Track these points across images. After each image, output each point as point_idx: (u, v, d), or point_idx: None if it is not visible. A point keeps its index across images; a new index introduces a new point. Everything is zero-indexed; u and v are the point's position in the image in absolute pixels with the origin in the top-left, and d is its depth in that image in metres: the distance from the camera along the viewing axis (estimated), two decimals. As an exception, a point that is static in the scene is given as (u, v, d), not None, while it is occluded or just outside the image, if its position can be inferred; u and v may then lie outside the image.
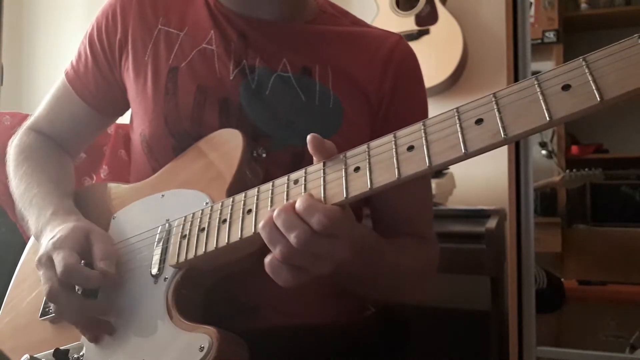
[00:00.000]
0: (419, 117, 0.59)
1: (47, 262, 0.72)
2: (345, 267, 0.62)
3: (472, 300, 1.69)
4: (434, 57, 2.03)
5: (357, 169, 0.58)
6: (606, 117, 1.96)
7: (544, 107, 0.48)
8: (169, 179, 0.82)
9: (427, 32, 2.06)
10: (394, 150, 0.56)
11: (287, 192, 0.63)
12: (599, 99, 0.46)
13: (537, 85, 0.50)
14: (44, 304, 0.81)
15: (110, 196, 0.89)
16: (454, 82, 2.09)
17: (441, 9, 2.07)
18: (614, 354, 1.68)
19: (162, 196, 0.80)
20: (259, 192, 0.66)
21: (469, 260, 1.53)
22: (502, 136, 0.50)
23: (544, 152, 2.05)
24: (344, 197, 0.58)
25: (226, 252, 0.67)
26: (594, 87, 0.46)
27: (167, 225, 0.75)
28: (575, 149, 2.10)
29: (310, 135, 0.62)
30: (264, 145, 0.79)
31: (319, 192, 0.60)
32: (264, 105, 0.82)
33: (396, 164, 0.56)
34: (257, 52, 0.85)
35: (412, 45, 0.93)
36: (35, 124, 0.98)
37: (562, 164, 2.04)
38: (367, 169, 0.57)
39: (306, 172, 0.63)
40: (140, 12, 0.89)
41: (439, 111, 0.56)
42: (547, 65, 2.05)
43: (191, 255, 0.69)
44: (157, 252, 0.73)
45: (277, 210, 0.59)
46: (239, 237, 0.64)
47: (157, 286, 0.71)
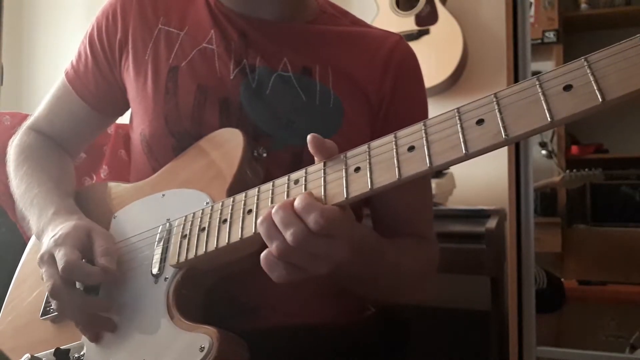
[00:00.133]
0: (419, 117, 0.59)
1: (48, 259, 0.72)
2: (344, 267, 0.62)
3: (472, 300, 1.69)
4: (434, 57, 2.03)
5: (358, 169, 0.58)
6: (606, 117, 1.95)
7: (545, 107, 0.48)
8: (170, 179, 0.82)
9: (427, 32, 2.06)
10: (395, 150, 0.56)
11: (288, 192, 0.63)
12: (600, 100, 0.46)
13: (538, 85, 0.49)
14: (45, 303, 0.82)
15: (110, 196, 0.89)
16: (454, 82, 2.09)
17: (441, 9, 2.07)
18: (614, 354, 1.68)
19: (163, 196, 0.80)
20: (259, 192, 0.66)
21: (469, 260, 1.53)
22: (503, 137, 0.50)
23: (544, 152, 2.04)
24: (345, 197, 0.58)
25: (226, 252, 0.67)
26: (596, 88, 0.46)
27: (167, 224, 0.75)
28: (575, 149, 2.10)
29: (310, 135, 0.62)
30: (265, 144, 0.79)
31: (320, 192, 0.60)
32: (264, 104, 0.82)
33: (397, 164, 0.55)
34: (258, 52, 0.85)
35: (412, 45, 0.93)
36: (35, 123, 0.98)
37: (562, 164, 2.04)
38: (368, 169, 0.57)
39: (306, 172, 0.63)
40: (140, 12, 0.88)
41: (439, 111, 0.56)
42: (547, 65, 2.05)
43: (191, 255, 0.69)
44: (157, 252, 0.73)
45: (275, 206, 0.59)
46: (239, 237, 0.64)
47: (157, 286, 0.71)
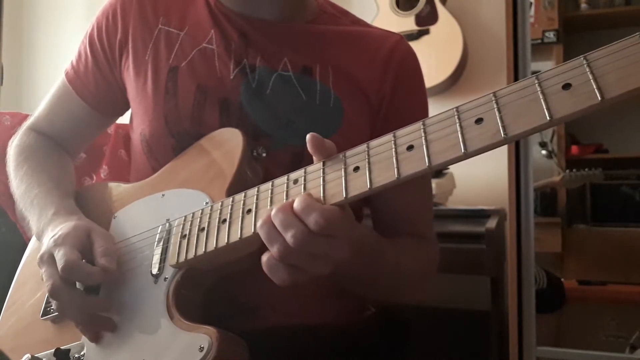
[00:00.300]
0: (419, 117, 0.59)
1: (48, 259, 0.72)
2: (344, 267, 0.62)
3: (472, 300, 1.69)
4: (434, 57, 2.03)
5: (357, 169, 0.58)
6: (606, 117, 1.96)
7: (544, 106, 0.48)
8: (169, 179, 0.82)
9: (427, 32, 2.06)
10: (394, 149, 0.56)
11: (287, 192, 0.63)
12: (599, 98, 0.46)
13: (537, 84, 0.49)
14: (45, 303, 0.82)
15: (110, 196, 0.89)
16: (454, 82, 2.09)
17: (441, 9, 2.07)
18: (614, 354, 1.68)
19: (163, 196, 0.80)
20: (258, 191, 0.66)
21: (469, 260, 1.53)
22: (502, 136, 0.50)
23: (544, 152, 2.04)
24: (344, 196, 0.58)
25: (226, 252, 0.67)
26: (595, 86, 0.46)
27: (167, 224, 0.75)
28: (575, 149, 2.10)
29: (309, 134, 0.61)
30: (264, 144, 0.79)
31: (319, 192, 0.59)
32: (264, 104, 0.82)
33: (396, 163, 0.55)
34: (258, 52, 0.85)
35: (412, 45, 0.93)
36: (35, 124, 0.98)
37: (562, 164, 2.04)
38: (367, 169, 0.57)
39: (306, 172, 0.62)
40: (140, 12, 0.89)
41: (438, 111, 0.56)
42: (547, 65, 2.05)
43: (191, 255, 0.69)
44: (157, 252, 0.73)
45: (275, 209, 0.59)
46: (239, 237, 0.64)
47: (157, 286, 0.71)
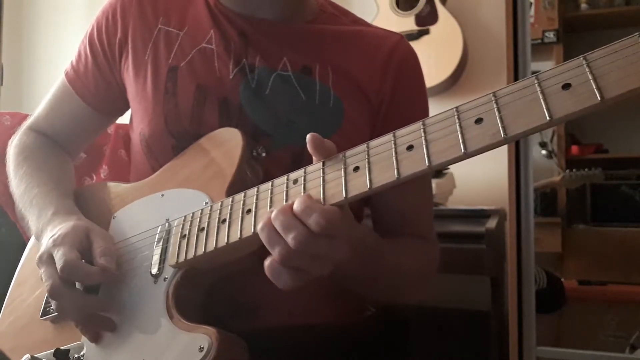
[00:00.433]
0: (419, 116, 0.59)
1: (47, 259, 0.72)
2: (344, 267, 0.62)
3: (472, 300, 1.69)
4: (434, 57, 2.03)
5: (357, 169, 0.58)
6: (606, 117, 1.95)
7: (544, 106, 0.48)
8: (169, 178, 0.82)
9: (427, 32, 2.06)
10: (394, 149, 0.56)
11: (287, 192, 0.63)
12: (599, 98, 0.46)
13: (537, 84, 0.49)
14: (45, 303, 0.81)
15: (110, 196, 0.89)
16: (454, 82, 2.09)
17: (441, 9, 2.07)
18: (614, 354, 1.67)
19: (162, 195, 0.80)
20: (258, 192, 0.66)
21: (469, 260, 1.53)
22: (502, 136, 0.50)
23: (544, 152, 2.04)
24: (343, 197, 0.58)
25: (226, 252, 0.67)
26: (595, 86, 0.46)
27: (167, 224, 0.75)
28: (575, 149, 2.09)
29: (309, 134, 0.61)
30: (264, 144, 0.79)
31: (318, 192, 0.59)
32: (263, 104, 0.82)
33: (395, 163, 0.55)
34: (257, 51, 0.85)
35: (412, 45, 0.93)
36: (34, 124, 0.98)
37: (562, 164, 2.04)
38: (367, 169, 0.57)
39: (305, 172, 0.62)
40: (140, 12, 0.88)
41: (438, 111, 0.56)
42: (547, 65, 2.05)
43: (191, 255, 0.69)
44: (157, 252, 0.73)
45: (275, 211, 0.59)
46: (239, 237, 0.64)
47: (157, 286, 0.71)
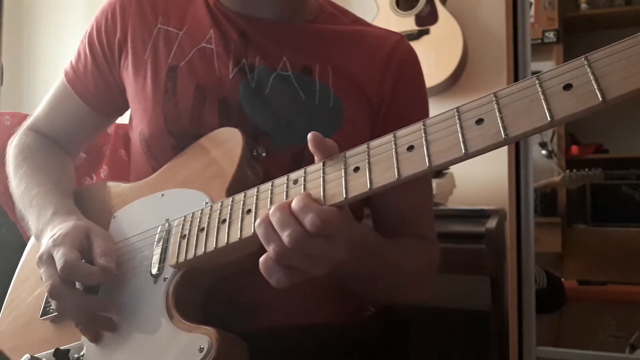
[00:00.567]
0: (419, 117, 0.59)
1: (47, 259, 0.72)
2: (343, 267, 0.62)
3: (472, 300, 1.69)
4: (434, 57, 2.03)
5: (357, 169, 0.58)
6: (606, 117, 1.95)
7: (545, 107, 0.48)
8: (169, 178, 0.82)
9: (427, 32, 2.06)
10: (394, 150, 0.56)
11: (287, 192, 0.63)
12: (600, 99, 0.46)
13: (538, 84, 0.49)
14: (45, 303, 0.81)
15: (110, 195, 0.89)
16: (454, 82, 2.09)
17: (441, 9, 2.07)
18: (614, 354, 1.68)
19: (162, 195, 0.80)
20: (258, 192, 0.66)
21: (469, 260, 1.53)
22: (503, 136, 0.50)
23: (544, 152, 2.04)
24: (344, 197, 0.58)
25: (226, 252, 0.67)
26: (596, 87, 0.46)
27: (166, 224, 0.75)
28: (575, 149, 2.10)
29: (311, 133, 0.61)
30: (264, 144, 0.79)
31: (319, 192, 0.59)
32: (263, 104, 0.82)
33: (396, 164, 0.55)
34: (257, 51, 0.85)
35: (412, 45, 0.93)
36: (34, 124, 0.98)
37: (562, 164, 2.04)
38: (367, 169, 0.57)
39: (306, 172, 0.62)
40: (139, 12, 0.88)
41: (439, 111, 0.56)
42: (547, 65, 2.05)
43: (191, 255, 0.69)
44: (156, 252, 0.73)
45: (273, 208, 0.58)
46: (238, 237, 0.64)
47: (157, 286, 0.71)
